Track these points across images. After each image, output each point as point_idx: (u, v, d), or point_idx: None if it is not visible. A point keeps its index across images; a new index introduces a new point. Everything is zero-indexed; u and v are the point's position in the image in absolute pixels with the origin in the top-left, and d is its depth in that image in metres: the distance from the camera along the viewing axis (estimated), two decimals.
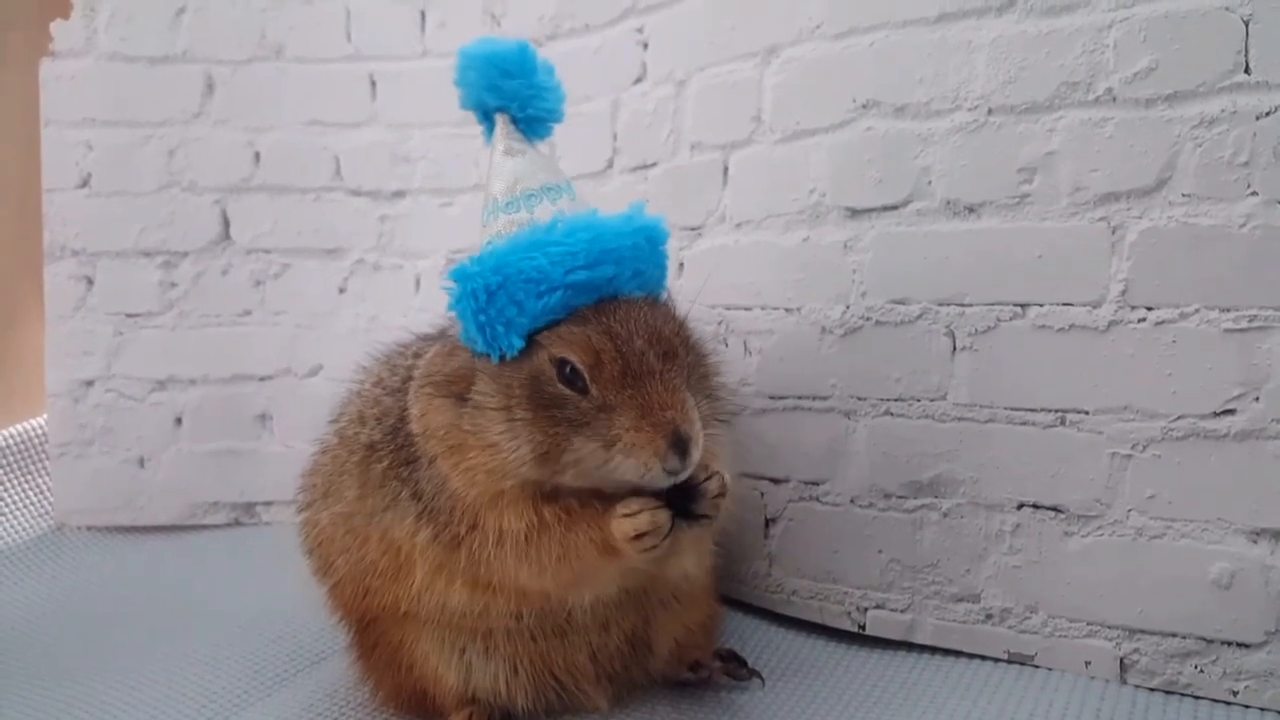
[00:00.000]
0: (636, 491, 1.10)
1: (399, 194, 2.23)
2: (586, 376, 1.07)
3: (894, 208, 1.45)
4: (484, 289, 1.08)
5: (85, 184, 2.19)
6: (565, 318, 1.09)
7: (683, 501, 1.10)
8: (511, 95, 1.20)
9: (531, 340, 1.09)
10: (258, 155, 2.21)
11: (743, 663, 1.35)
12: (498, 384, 1.10)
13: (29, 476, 2.26)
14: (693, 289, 1.71)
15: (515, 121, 1.21)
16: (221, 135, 2.20)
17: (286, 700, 1.40)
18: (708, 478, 1.11)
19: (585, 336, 1.07)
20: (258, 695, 1.42)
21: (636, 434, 1.04)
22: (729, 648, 1.38)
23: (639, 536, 1.07)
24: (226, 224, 2.22)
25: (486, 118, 1.23)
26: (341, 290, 2.23)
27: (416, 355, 1.30)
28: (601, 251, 1.10)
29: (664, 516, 1.08)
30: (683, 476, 1.07)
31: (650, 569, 1.16)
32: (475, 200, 2.16)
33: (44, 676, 1.51)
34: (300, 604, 1.48)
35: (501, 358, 1.10)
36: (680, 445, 1.04)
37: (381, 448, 1.23)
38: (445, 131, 2.17)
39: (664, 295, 1.20)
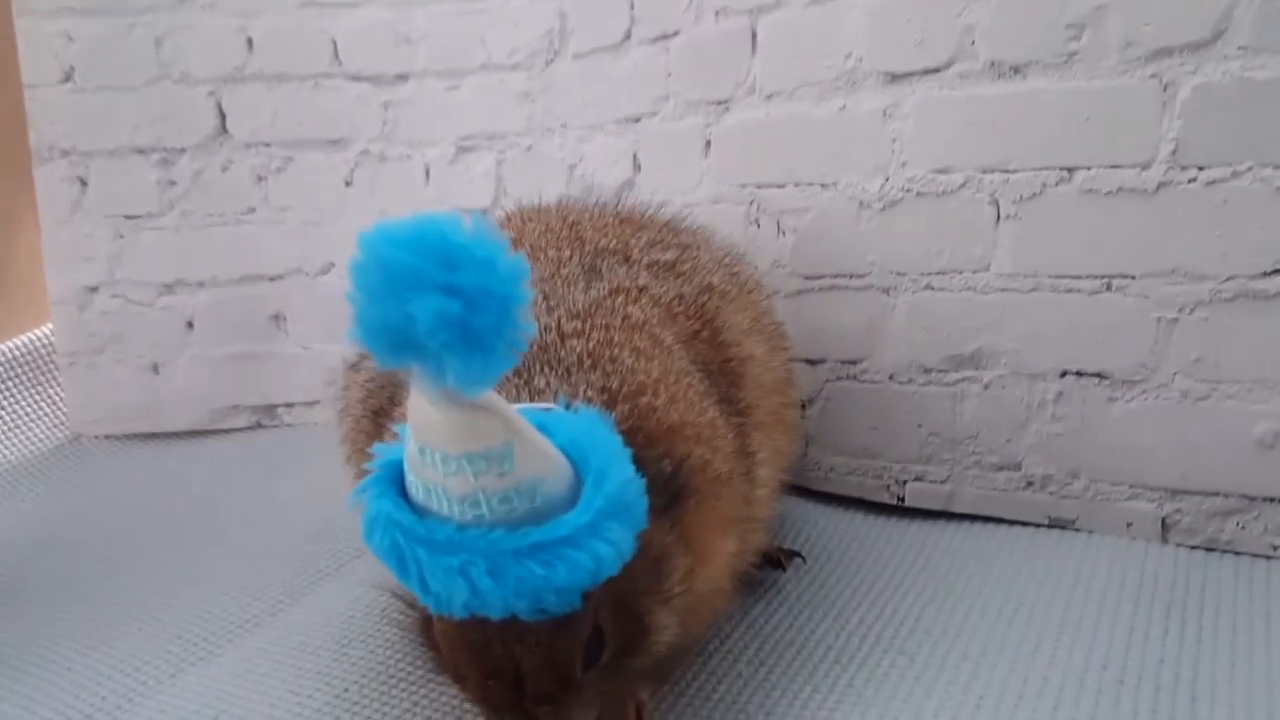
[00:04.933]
0: None
1: (402, 78, 2.11)
2: None
3: (935, 70, 1.39)
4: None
5: (69, 79, 2.08)
6: None
7: None
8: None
9: None
10: (250, 41, 2.09)
11: (790, 555, 1.32)
12: None
13: (40, 387, 2.22)
14: (721, 169, 1.66)
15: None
16: (211, 21, 2.07)
17: (332, 593, 1.40)
18: None
19: None
20: (302, 590, 1.43)
21: None
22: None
23: None
24: (223, 117, 2.11)
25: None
26: (348, 183, 2.15)
27: None
28: None
29: None
30: None
31: None
32: (483, 81, 2.07)
33: (80, 583, 1.52)
34: (338, 502, 1.47)
35: None
36: None
37: None
38: (449, 8, 2.04)
39: None
